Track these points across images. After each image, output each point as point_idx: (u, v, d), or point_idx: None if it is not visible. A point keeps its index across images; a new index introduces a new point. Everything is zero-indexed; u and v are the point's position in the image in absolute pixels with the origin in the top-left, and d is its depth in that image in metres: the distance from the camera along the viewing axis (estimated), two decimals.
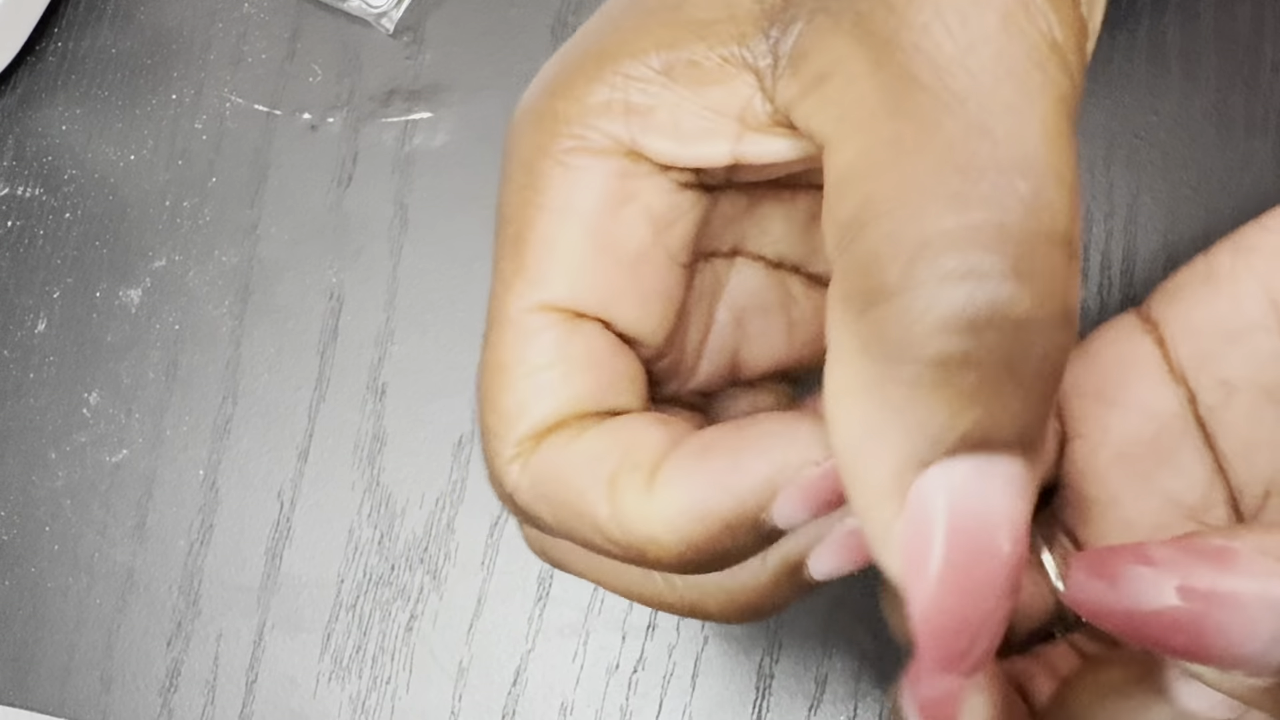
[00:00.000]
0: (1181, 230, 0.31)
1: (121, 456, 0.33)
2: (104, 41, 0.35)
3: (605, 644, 0.30)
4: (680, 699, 0.30)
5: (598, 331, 0.19)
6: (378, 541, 0.32)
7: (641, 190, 0.19)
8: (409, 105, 0.34)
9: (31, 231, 0.34)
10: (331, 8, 0.34)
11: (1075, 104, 0.15)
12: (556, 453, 0.18)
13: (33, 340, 0.34)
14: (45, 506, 0.33)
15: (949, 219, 0.14)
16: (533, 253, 0.19)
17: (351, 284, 0.33)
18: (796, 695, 0.30)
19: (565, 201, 0.18)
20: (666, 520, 0.17)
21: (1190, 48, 0.32)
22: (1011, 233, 0.13)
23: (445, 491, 0.32)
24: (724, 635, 0.30)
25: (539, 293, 0.19)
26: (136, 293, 0.34)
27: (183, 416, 0.33)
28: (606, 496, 0.17)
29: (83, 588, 0.32)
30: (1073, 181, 0.14)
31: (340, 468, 0.32)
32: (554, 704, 0.30)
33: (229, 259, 0.33)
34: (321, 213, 0.33)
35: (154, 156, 0.34)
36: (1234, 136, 0.31)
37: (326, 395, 0.32)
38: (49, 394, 0.33)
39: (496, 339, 0.19)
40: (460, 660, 0.31)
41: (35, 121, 0.35)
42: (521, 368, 0.19)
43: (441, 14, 0.34)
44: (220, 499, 0.32)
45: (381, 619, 0.31)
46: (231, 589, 0.32)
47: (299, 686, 0.31)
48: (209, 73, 0.35)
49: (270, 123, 0.34)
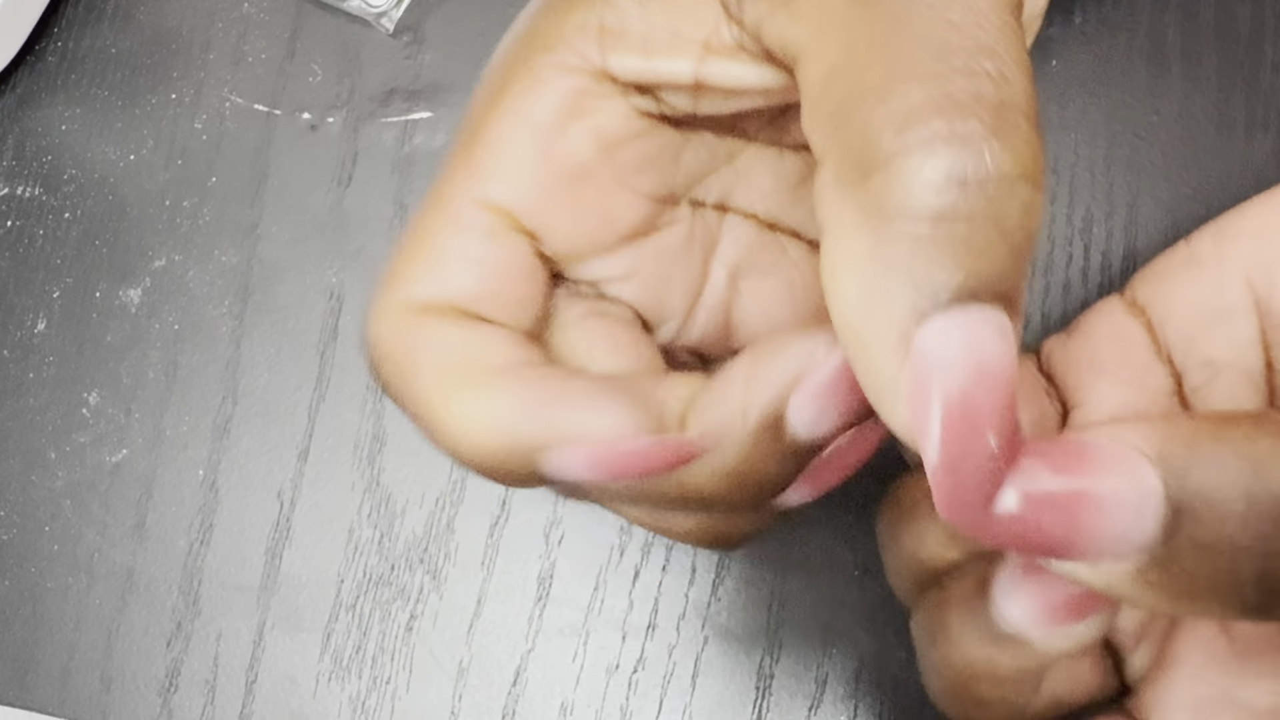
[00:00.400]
0: (1181, 230, 0.31)
1: (121, 456, 0.33)
2: (104, 41, 0.35)
3: (605, 644, 0.30)
4: (680, 699, 0.30)
5: (521, 247, 0.20)
6: (378, 541, 0.32)
7: (596, 110, 0.20)
8: (409, 105, 0.34)
9: (31, 231, 0.34)
10: (331, 7, 0.34)
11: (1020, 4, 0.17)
12: (420, 328, 0.19)
13: (32, 340, 0.34)
14: (45, 506, 0.33)
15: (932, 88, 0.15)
16: (482, 149, 0.20)
17: (352, 284, 0.33)
18: (796, 695, 0.30)
19: (522, 108, 0.20)
20: (472, 427, 0.18)
21: (1190, 48, 0.32)
22: (987, 101, 0.15)
23: (445, 491, 0.32)
24: (724, 636, 0.30)
25: (480, 188, 0.20)
26: (136, 292, 0.34)
27: (183, 416, 0.33)
28: (438, 385, 0.19)
29: (82, 588, 0.32)
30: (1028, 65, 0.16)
31: (340, 468, 0.32)
32: (554, 704, 0.30)
33: (229, 259, 0.33)
34: (321, 212, 0.33)
35: (154, 156, 0.34)
36: (1234, 136, 0.31)
37: (326, 395, 0.32)
38: (49, 394, 0.33)
39: (427, 215, 0.20)
40: (460, 660, 0.31)
41: (35, 121, 0.35)
42: (437, 243, 0.20)
43: (441, 14, 0.34)
44: (220, 499, 0.32)
45: (381, 619, 0.31)
46: (231, 589, 0.32)
47: (299, 686, 0.31)
48: (209, 72, 0.35)
49: (270, 122, 0.34)
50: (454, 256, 0.20)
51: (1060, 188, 0.32)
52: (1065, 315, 0.31)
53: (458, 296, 0.20)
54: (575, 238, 0.21)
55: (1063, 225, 0.32)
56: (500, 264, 0.20)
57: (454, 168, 0.20)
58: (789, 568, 0.30)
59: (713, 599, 0.30)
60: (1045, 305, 0.31)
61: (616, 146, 0.20)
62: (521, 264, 0.20)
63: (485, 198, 0.20)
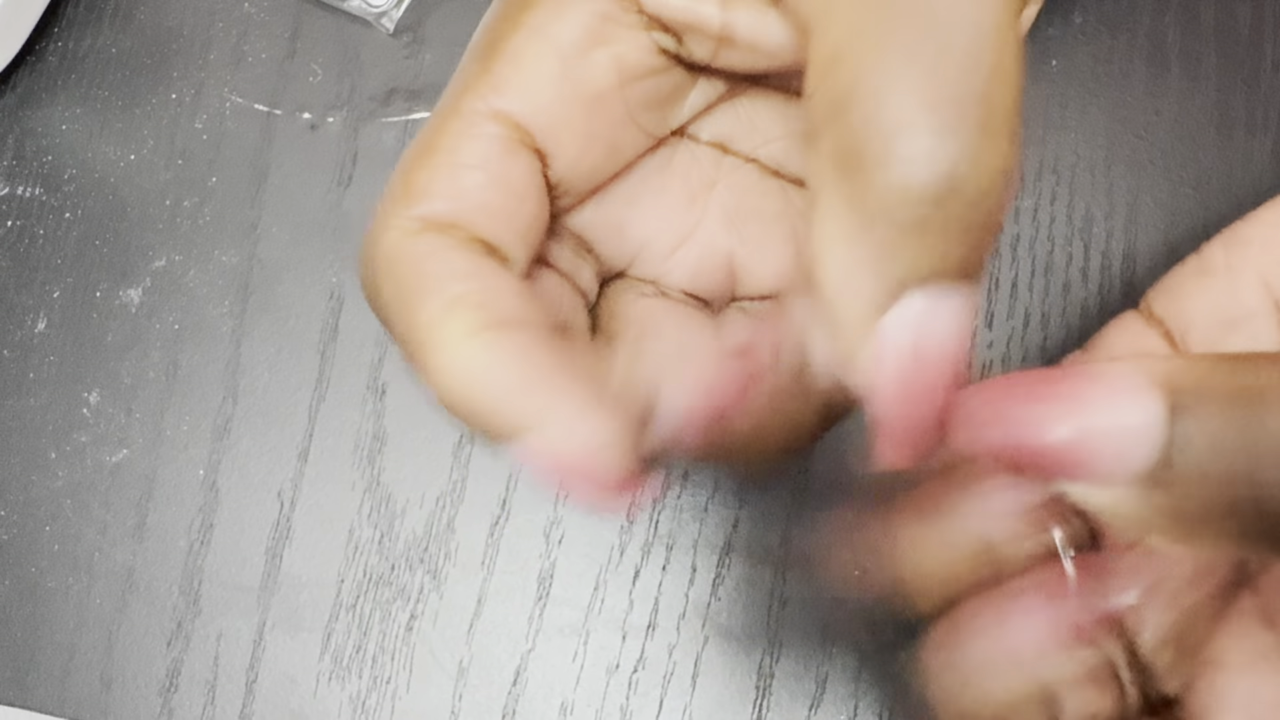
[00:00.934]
0: (1181, 230, 0.31)
1: (122, 456, 0.33)
2: (104, 41, 0.35)
3: (605, 644, 0.30)
4: (680, 699, 0.30)
5: (533, 166, 0.20)
6: (378, 541, 0.32)
7: (620, 39, 0.20)
8: (409, 105, 0.34)
9: (31, 231, 0.34)
10: (331, 7, 0.34)
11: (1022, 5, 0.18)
12: (433, 251, 0.19)
13: (33, 340, 0.34)
14: (45, 506, 0.33)
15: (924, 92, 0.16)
16: (501, 61, 0.19)
17: (352, 283, 0.33)
18: (796, 695, 0.30)
19: (547, 25, 0.19)
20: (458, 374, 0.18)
21: (1190, 48, 0.32)
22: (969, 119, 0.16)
23: (445, 491, 0.32)
24: (724, 635, 0.30)
25: (497, 99, 0.19)
26: (136, 292, 0.34)
27: (183, 416, 0.33)
28: (437, 315, 0.18)
29: (83, 587, 0.32)
30: (1018, 77, 0.17)
31: (340, 467, 0.32)
32: (554, 704, 0.30)
33: (229, 259, 0.33)
34: (322, 212, 0.33)
35: (154, 156, 0.34)
36: (1234, 136, 0.31)
37: (327, 395, 0.32)
38: (49, 394, 0.33)
39: (438, 125, 0.20)
40: (460, 660, 0.31)
41: (35, 121, 0.35)
42: (451, 156, 0.19)
43: (441, 14, 0.34)
44: (220, 499, 0.32)
45: (381, 619, 0.31)
46: (231, 589, 0.32)
47: (299, 686, 0.31)
48: (209, 72, 0.35)
49: (270, 122, 0.34)
50: (466, 167, 0.19)
51: (1060, 187, 0.32)
52: (1065, 315, 0.31)
53: (468, 211, 0.19)
54: (579, 166, 0.20)
55: (1063, 225, 0.32)
56: (511, 179, 0.20)
57: (468, 80, 0.20)
58: (789, 568, 0.30)
59: (713, 599, 0.30)
60: (1045, 305, 0.31)
61: (634, 80, 0.20)
62: (530, 184, 0.20)
63: (502, 110, 0.19)
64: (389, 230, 0.19)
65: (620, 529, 0.31)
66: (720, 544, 0.31)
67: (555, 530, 0.31)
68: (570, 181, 0.21)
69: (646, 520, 0.31)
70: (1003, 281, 0.31)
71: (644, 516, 0.31)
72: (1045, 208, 0.32)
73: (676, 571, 0.31)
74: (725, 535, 0.31)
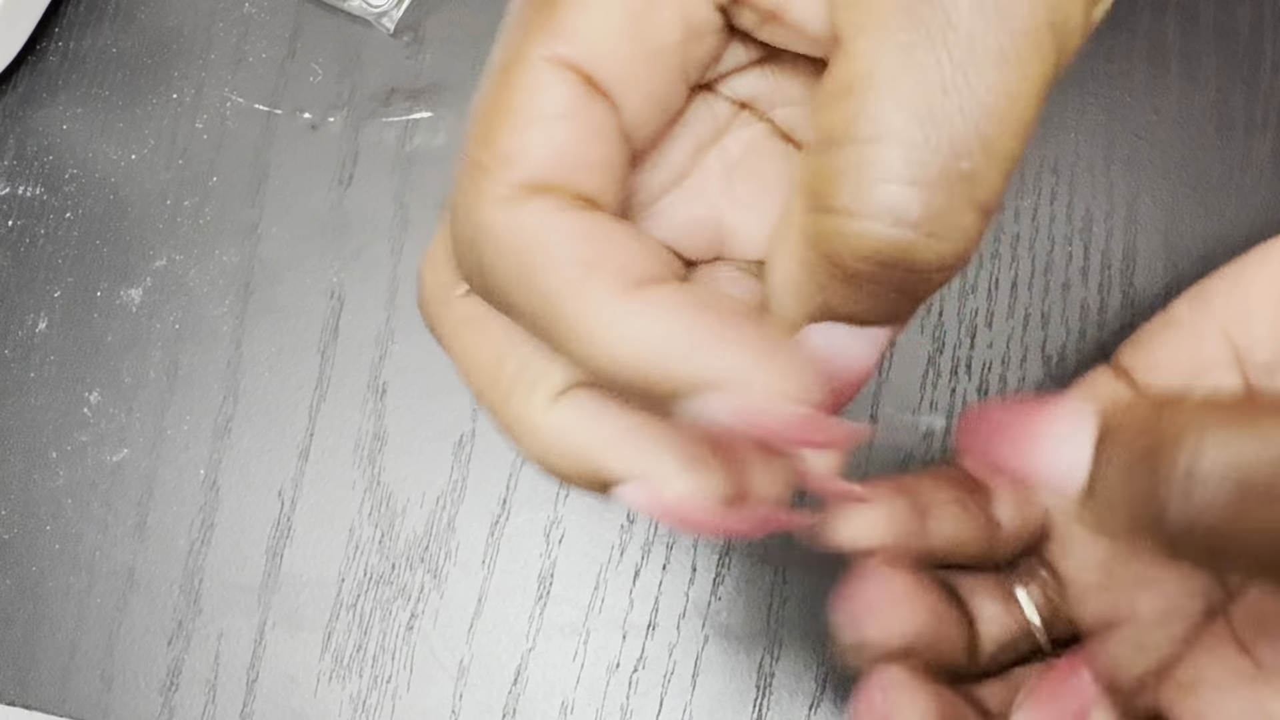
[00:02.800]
0: (1181, 230, 0.31)
1: (122, 456, 0.33)
2: (105, 41, 0.35)
3: (605, 643, 0.30)
4: (680, 698, 0.30)
5: (609, 110, 0.19)
6: (378, 540, 0.32)
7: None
8: (409, 105, 0.34)
9: (32, 231, 0.34)
10: (332, 7, 0.34)
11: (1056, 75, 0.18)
12: (535, 213, 0.18)
13: (33, 339, 0.34)
14: (46, 505, 0.33)
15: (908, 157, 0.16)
16: (567, 8, 0.18)
17: (352, 283, 0.33)
18: (796, 695, 0.30)
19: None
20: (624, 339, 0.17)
21: (1190, 48, 0.32)
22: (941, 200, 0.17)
23: (446, 490, 0.32)
24: (724, 635, 0.30)
25: (565, 45, 0.18)
26: (137, 292, 0.34)
27: (183, 416, 0.33)
28: (578, 282, 0.17)
29: (83, 587, 0.32)
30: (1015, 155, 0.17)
31: (341, 467, 0.32)
32: (554, 703, 0.30)
33: (229, 258, 0.33)
34: (322, 212, 0.33)
35: (155, 156, 0.34)
36: (1234, 136, 0.32)
37: (327, 394, 0.32)
38: (50, 393, 0.33)
39: (507, 80, 0.18)
40: (461, 659, 0.31)
41: (36, 121, 0.35)
42: (531, 112, 0.18)
43: (441, 14, 0.34)
44: (221, 498, 0.32)
45: (382, 618, 0.31)
46: (232, 588, 0.32)
47: (300, 685, 0.31)
48: (210, 72, 0.35)
49: (271, 122, 0.34)
50: (551, 119, 0.18)
51: (1060, 187, 0.32)
52: (1065, 314, 0.31)
53: (566, 170, 0.18)
54: (639, 120, 0.19)
55: (1063, 225, 0.32)
56: (594, 124, 0.18)
57: (529, 28, 0.18)
58: (789, 568, 0.30)
59: (713, 598, 0.30)
60: (1045, 304, 0.31)
61: (695, 39, 0.19)
62: (615, 131, 0.19)
63: (568, 57, 0.18)
64: (485, 203, 0.18)
65: (620, 528, 0.31)
66: (720, 544, 0.31)
67: (556, 529, 0.31)
68: (632, 138, 0.19)
69: (647, 520, 0.31)
70: (1003, 281, 0.31)
71: (644, 516, 0.31)
72: (1045, 207, 0.32)
73: (677, 571, 0.31)
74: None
